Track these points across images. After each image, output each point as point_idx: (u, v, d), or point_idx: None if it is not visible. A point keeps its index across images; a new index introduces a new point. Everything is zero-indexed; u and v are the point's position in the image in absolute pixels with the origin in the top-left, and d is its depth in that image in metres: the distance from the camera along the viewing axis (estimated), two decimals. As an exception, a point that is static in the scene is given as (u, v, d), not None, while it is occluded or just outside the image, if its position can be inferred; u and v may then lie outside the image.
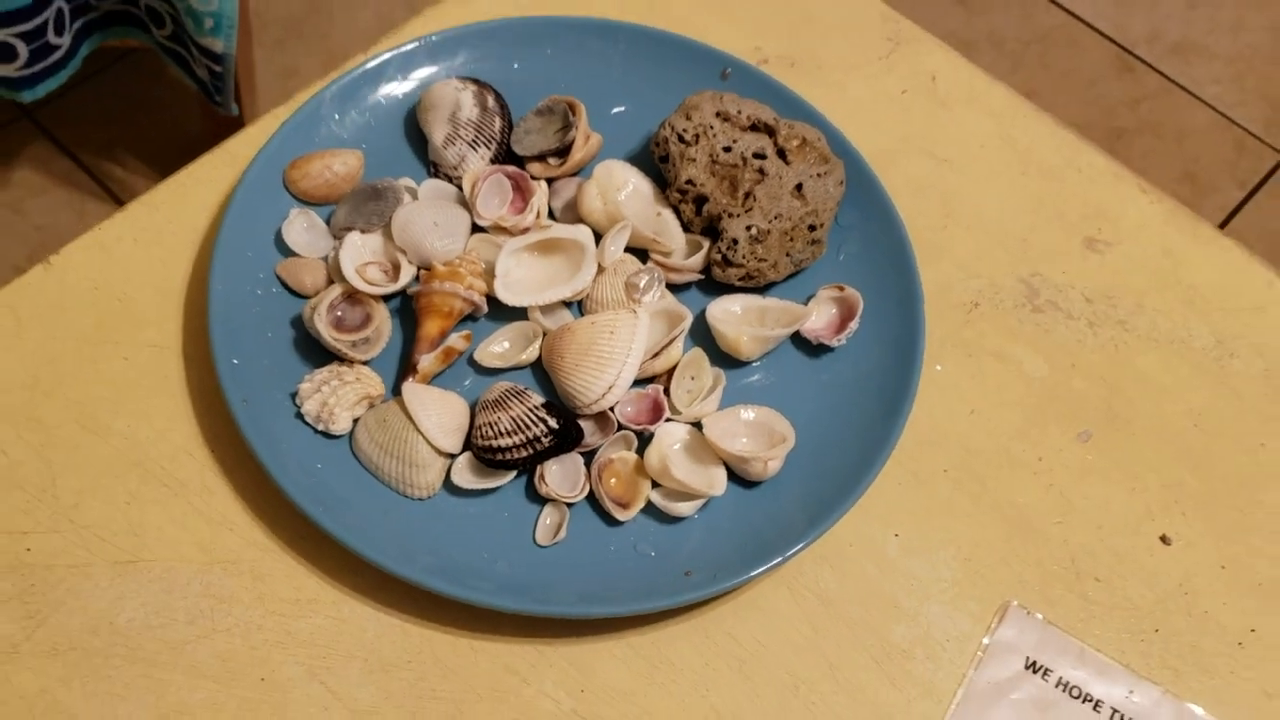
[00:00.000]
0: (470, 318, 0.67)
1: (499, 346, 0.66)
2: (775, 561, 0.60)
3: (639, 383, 0.66)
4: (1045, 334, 0.71)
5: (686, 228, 0.70)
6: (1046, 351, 0.71)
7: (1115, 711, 0.61)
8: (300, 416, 0.63)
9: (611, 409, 0.64)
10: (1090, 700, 0.62)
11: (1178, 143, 1.69)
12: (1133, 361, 0.71)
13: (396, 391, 0.65)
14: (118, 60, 1.59)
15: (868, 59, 0.80)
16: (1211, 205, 1.65)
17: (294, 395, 0.64)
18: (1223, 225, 1.64)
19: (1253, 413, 0.70)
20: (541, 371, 0.66)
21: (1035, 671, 0.62)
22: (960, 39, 1.75)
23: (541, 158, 0.71)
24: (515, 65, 0.75)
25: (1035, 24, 1.78)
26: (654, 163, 0.71)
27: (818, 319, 0.68)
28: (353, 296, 0.66)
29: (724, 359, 0.67)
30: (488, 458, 0.62)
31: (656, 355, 0.65)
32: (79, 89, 1.57)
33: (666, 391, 0.65)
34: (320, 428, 0.63)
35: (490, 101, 0.72)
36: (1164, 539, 0.66)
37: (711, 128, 0.70)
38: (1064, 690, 0.62)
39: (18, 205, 1.50)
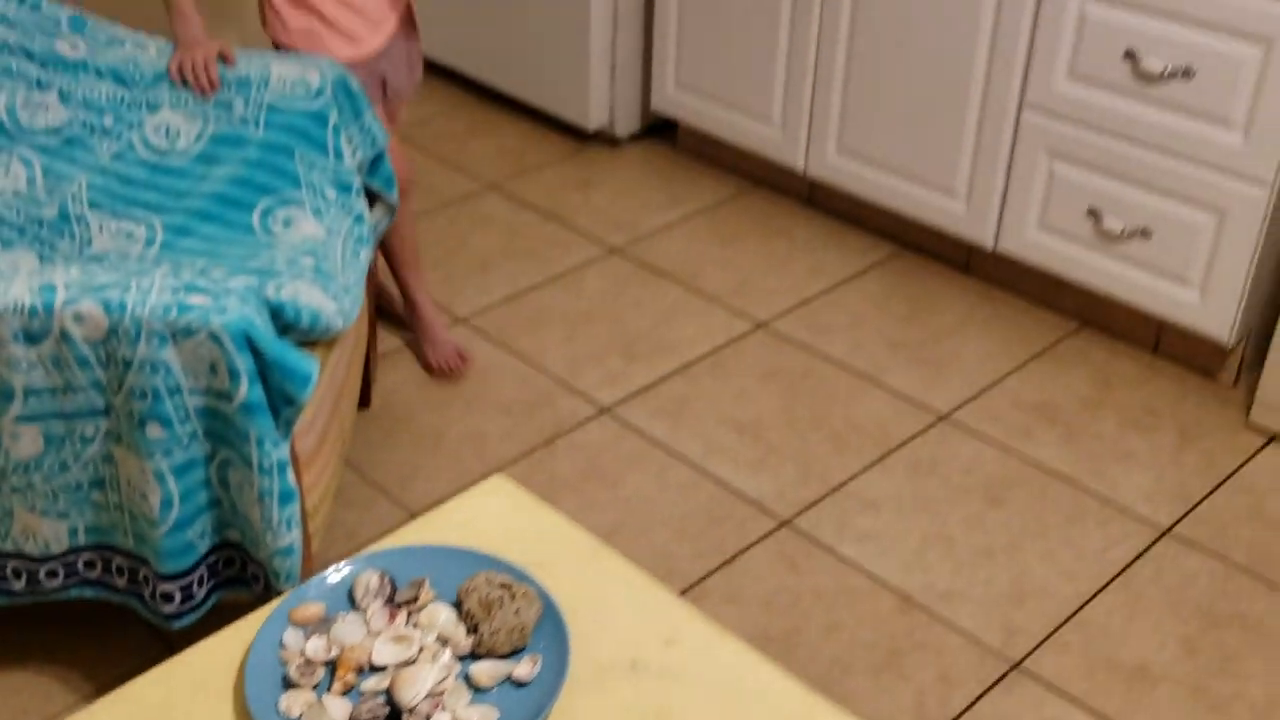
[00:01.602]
0: (359, 670, 1.46)
1: (372, 682, 1.44)
2: (480, 766, 1.34)
3: (429, 695, 1.42)
4: (636, 683, 1.46)
5: (468, 629, 1.50)
6: (637, 689, 1.46)
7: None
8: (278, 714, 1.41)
9: (413, 707, 1.40)
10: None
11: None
12: (683, 682, 1.45)
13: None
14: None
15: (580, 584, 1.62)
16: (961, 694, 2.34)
17: (276, 704, 1.42)
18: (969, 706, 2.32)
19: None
20: (389, 692, 1.43)
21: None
22: (796, 589, 2.55)
23: (408, 602, 1.53)
24: (411, 560, 1.59)
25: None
26: (458, 600, 1.52)
27: (521, 669, 1.45)
28: (309, 662, 1.46)
29: (477, 687, 1.44)
30: (358, 726, 1.38)
31: (442, 682, 1.42)
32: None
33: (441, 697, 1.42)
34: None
35: (387, 580, 1.55)
36: (679, 766, 1.37)
37: (482, 587, 1.51)
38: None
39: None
